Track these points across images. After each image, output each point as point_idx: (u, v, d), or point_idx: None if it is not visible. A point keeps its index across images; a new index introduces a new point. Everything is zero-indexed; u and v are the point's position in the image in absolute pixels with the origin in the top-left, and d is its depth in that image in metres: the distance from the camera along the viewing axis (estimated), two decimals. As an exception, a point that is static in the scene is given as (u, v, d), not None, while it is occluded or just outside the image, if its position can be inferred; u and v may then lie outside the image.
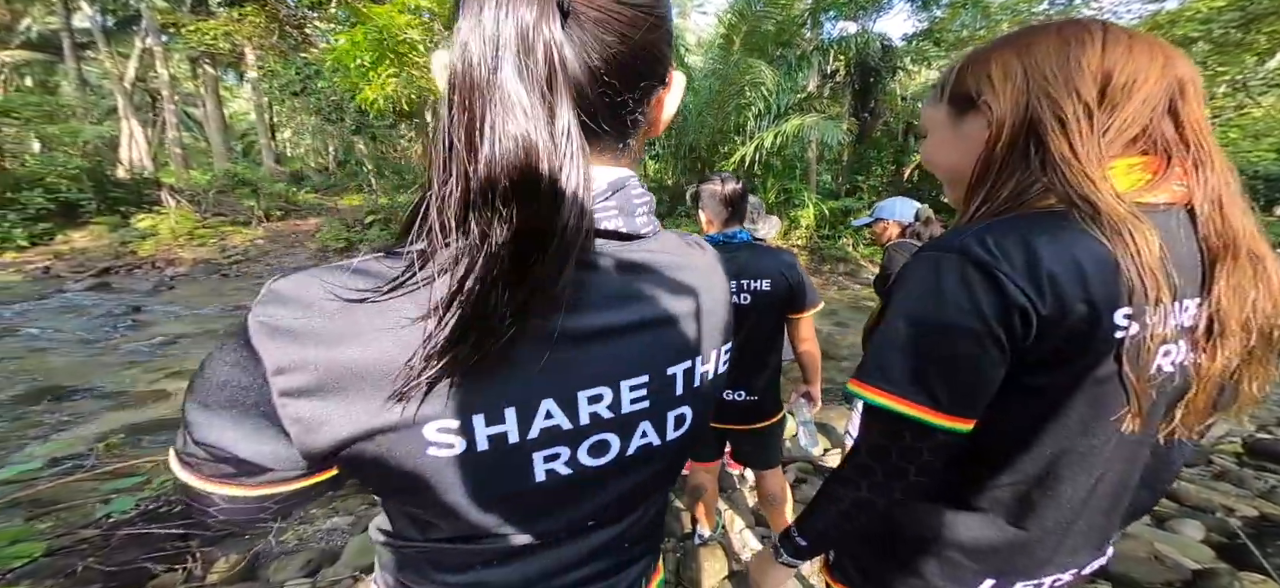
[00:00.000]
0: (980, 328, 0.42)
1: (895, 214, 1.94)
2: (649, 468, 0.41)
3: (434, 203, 0.29)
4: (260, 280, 8.60)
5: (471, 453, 0.32)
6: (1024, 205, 0.45)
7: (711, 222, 1.37)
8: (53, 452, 1.40)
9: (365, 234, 9.70)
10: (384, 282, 0.30)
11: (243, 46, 13.42)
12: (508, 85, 0.27)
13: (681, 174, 10.08)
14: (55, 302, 6.80)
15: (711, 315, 0.41)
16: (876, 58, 10.18)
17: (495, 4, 0.26)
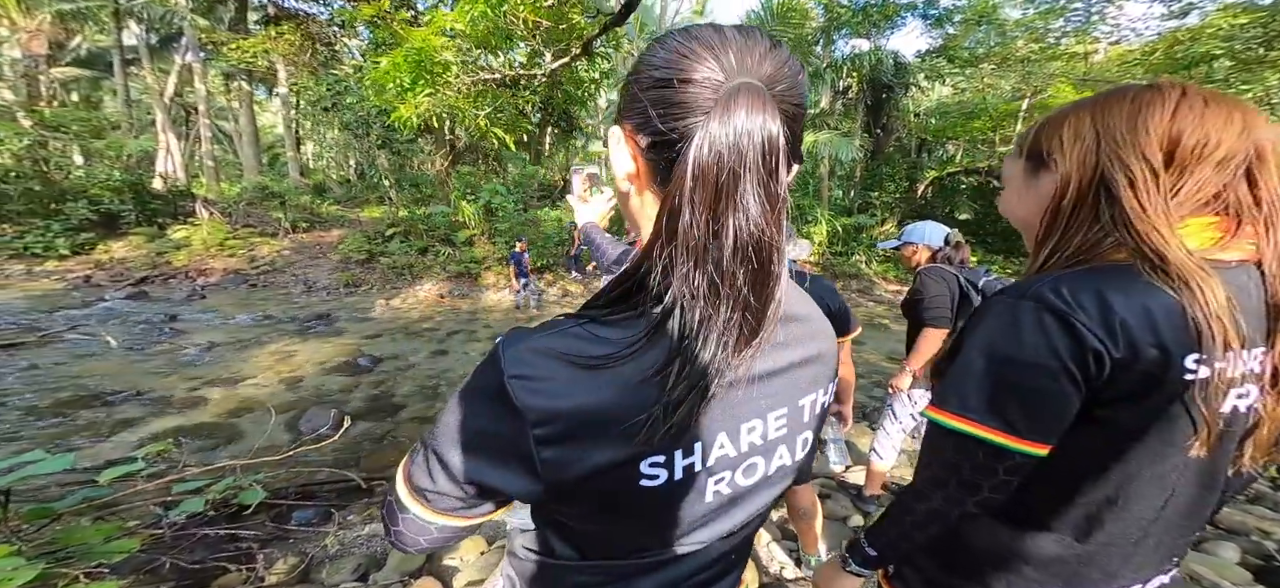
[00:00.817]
0: (1056, 366, 0.47)
1: (924, 238, 1.94)
2: (781, 485, 0.48)
3: (657, 273, 0.35)
4: (286, 290, 8.89)
5: (670, 482, 0.39)
6: (1096, 257, 0.50)
7: None
8: (151, 452, 1.52)
9: (386, 246, 9.97)
10: (615, 348, 0.36)
11: (276, 63, 14.04)
12: (749, 186, 0.32)
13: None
14: (97, 309, 7.12)
15: (829, 354, 0.49)
16: (889, 74, 10.27)
17: (747, 108, 0.31)
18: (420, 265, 9.51)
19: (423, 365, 5.14)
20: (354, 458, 3.10)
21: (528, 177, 11.89)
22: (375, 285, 9.11)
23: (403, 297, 8.53)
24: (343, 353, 5.43)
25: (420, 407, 4.10)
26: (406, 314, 7.46)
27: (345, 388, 4.45)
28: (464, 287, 9.09)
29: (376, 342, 5.97)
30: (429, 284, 9.06)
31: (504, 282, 9.30)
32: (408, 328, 6.66)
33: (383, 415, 3.90)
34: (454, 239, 10.07)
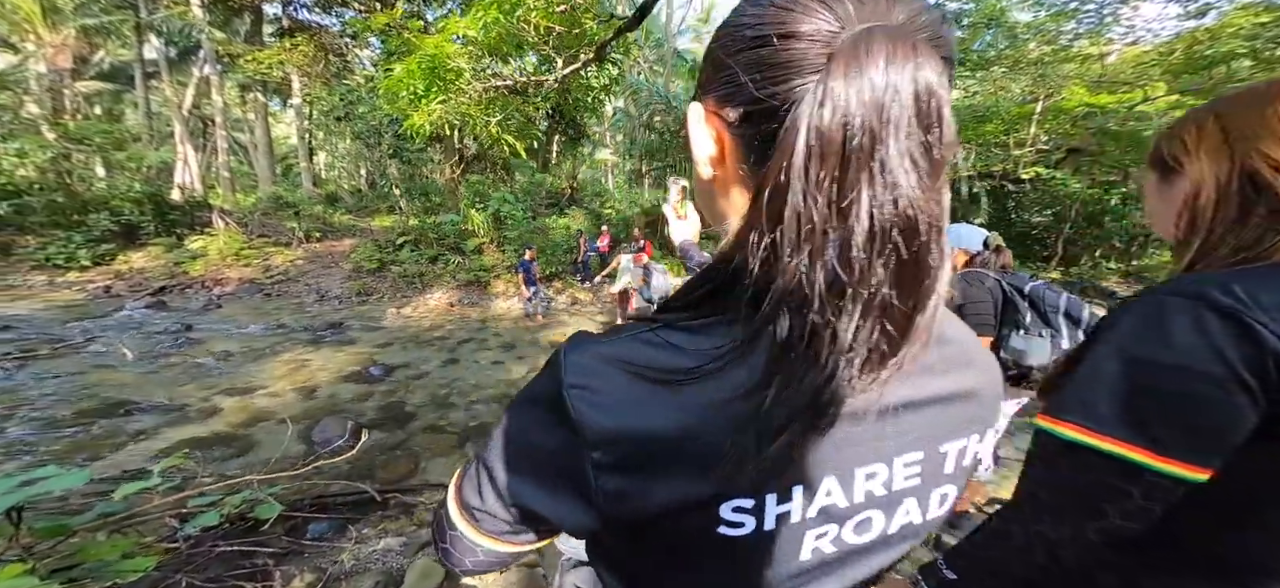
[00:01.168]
0: (1223, 373, 0.40)
1: (961, 241, 1.84)
2: (902, 547, 0.38)
3: (754, 265, 0.27)
4: (299, 299, 8.98)
5: (758, 533, 0.31)
6: (1261, 256, 0.45)
7: None
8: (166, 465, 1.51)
9: (396, 255, 10.05)
10: (697, 360, 0.29)
11: (291, 74, 14.33)
12: (895, 153, 0.24)
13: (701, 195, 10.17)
14: (116, 319, 7.23)
15: (990, 393, 0.38)
16: None
17: (886, 57, 0.24)
18: (431, 274, 9.56)
19: (434, 375, 5.13)
20: (367, 469, 3.08)
21: (536, 184, 11.96)
22: (386, 294, 9.17)
23: (414, 305, 8.57)
24: (355, 362, 5.45)
25: (432, 417, 4.08)
26: (417, 323, 7.49)
27: (358, 397, 4.45)
28: (474, 295, 9.11)
29: (388, 350, 5.99)
30: (439, 293, 9.09)
31: (513, 290, 9.31)
32: (419, 337, 6.68)
33: (395, 426, 3.88)
34: (463, 247, 10.12)
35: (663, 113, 9.72)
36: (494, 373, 5.17)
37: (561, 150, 15.81)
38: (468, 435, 3.71)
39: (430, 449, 3.46)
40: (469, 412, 4.18)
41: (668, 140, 10.23)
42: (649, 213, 11.14)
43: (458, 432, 3.78)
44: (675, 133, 9.97)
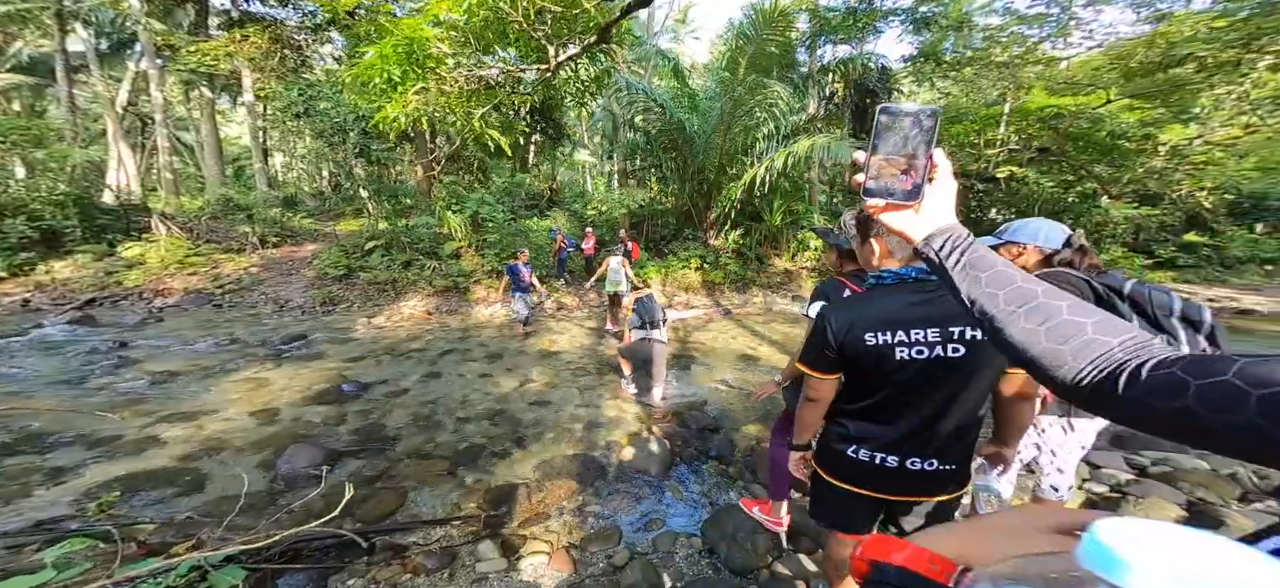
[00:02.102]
0: None
1: (1038, 238, 1.62)
2: None
3: None
4: (255, 310, 8.20)
5: None
6: None
7: (887, 254, 1.13)
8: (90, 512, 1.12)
9: (365, 261, 9.37)
10: None
11: (242, 69, 13.27)
12: None
13: (688, 196, 10.05)
14: (33, 338, 6.32)
15: None
16: (874, 79, 10.40)
17: None
18: (404, 280, 8.95)
19: (415, 391, 4.68)
20: (348, 507, 2.66)
21: (515, 185, 11.49)
22: (355, 303, 8.51)
23: (387, 314, 7.96)
24: (324, 379, 4.91)
25: (417, 439, 3.66)
26: (392, 333, 6.93)
27: (329, 420, 3.96)
28: (452, 302, 8.58)
29: (361, 365, 5.46)
30: (415, 300, 8.51)
31: (496, 296, 8.84)
32: (395, 349, 6.15)
33: (375, 452, 3.45)
34: (440, 252, 9.56)
35: (646, 112, 9.51)
36: (482, 387, 4.77)
37: (541, 151, 15.37)
38: (460, 461, 3.32)
39: (418, 479, 3.06)
40: (458, 433, 3.78)
41: (653, 139, 10.02)
42: (635, 214, 10.89)
43: (447, 457, 3.38)
44: (660, 132, 9.78)
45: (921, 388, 1.08)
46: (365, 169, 11.79)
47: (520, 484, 3.01)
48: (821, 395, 1.23)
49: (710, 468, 3.12)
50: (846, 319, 1.10)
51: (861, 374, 1.13)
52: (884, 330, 1.07)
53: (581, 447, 3.48)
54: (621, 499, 2.81)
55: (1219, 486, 2.74)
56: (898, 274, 1.11)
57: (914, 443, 1.14)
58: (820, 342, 1.15)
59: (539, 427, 3.83)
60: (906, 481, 1.17)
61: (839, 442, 1.23)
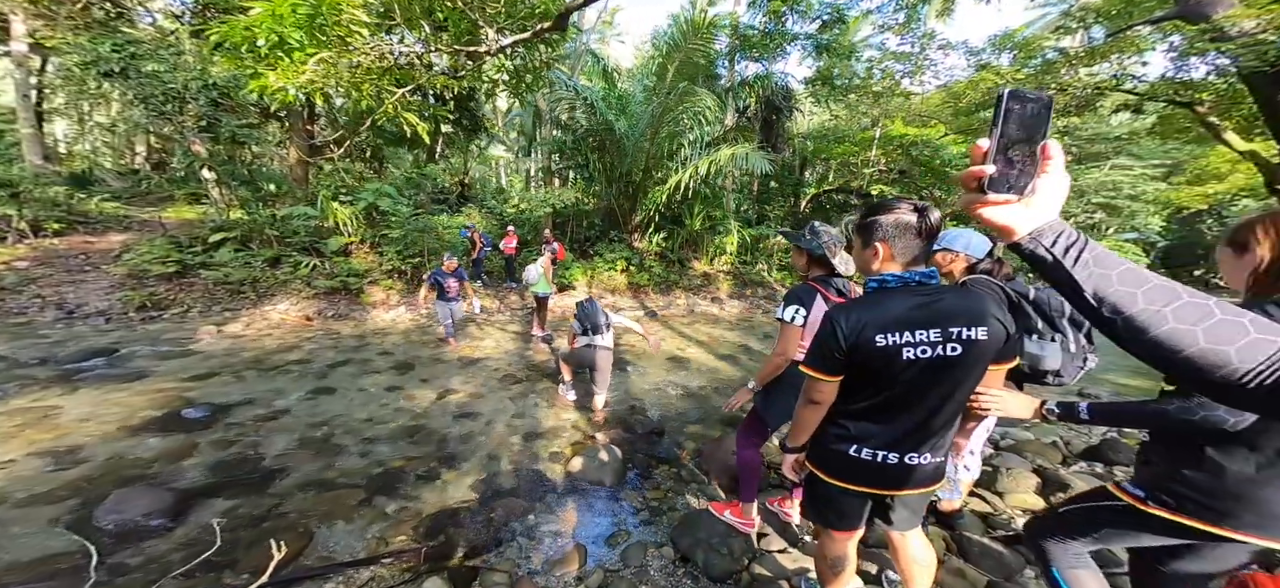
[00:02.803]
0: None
1: (970, 248, 1.82)
2: None
3: None
4: (28, 318, 6.01)
5: None
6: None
7: (889, 258, 1.14)
8: None
9: (211, 255, 7.48)
10: None
11: (10, 12, 9.79)
12: None
13: (614, 198, 10.00)
14: None
15: None
16: (780, 98, 11.59)
17: None
18: (271, 280, 7.34)
19: (299, 410, 3.80)
20: (226, 555, 2.01)
21: (421, 176, 10.25)
22: (195, 307, 6.71)
23: (246, 321, 6.42)
24: (154, 403, 3.73)
25: (312, 468, 2.96)
26: (256, 344, 5.59)
27: (169, 454, 3.00)
28: (342, 305, 7.27)
29: (211, 384, 4.28)
30: (287, 304, 7.02)
31: (397, 298, 7.72)
32: (262, 361, 4.96)
33: (250, 487, 2.69)
34: (322, 248, 8.05)
35: (573, 110, 9.24)
36: (391, 402, 4.07)
37: (452, 143, 13.98)
38: (376, 488, 2.76)
39: (323, 513, 2.46)
40: (367, 456, 3.16)
41: (580, 138, 9.77)
42: (561, 213, 10.46)
43: (358, 485, 2.79)
44: (588, 131, 9.59)
45: (923, 386, 1.12)
46: (218, 147, 9.46)
47: (459, 508, 2.60)
48: (825, 397, 1.22)
49: (663, 472, 3.04)
50: (858, 321, 1.11)
51: (868, 375, 1.15)
52: (893, 332, 1.09)
53: (524, 461, 3.15)
54: (578, 514, 2.58)
55: (1048, 452, 3.35)
56: (902, 278, 1.13)
57: (914, 439, 1.18)
58: (829, 344, 1.14)
59: (470, 442, 3.38)
60: (907, 476, 1.21)
61: (838, 442, 1.24)
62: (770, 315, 9.22)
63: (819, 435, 1.29)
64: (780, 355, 1.87)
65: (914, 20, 11.03)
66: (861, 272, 1.25)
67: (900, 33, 11.32)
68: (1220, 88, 6.87)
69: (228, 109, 8.61)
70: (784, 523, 2.32)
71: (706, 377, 5.15)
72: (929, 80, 10.98)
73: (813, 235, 1.88)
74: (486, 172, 18.75)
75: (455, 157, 15.08)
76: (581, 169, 10.54)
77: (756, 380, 2.00)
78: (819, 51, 11.09)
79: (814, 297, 1.83)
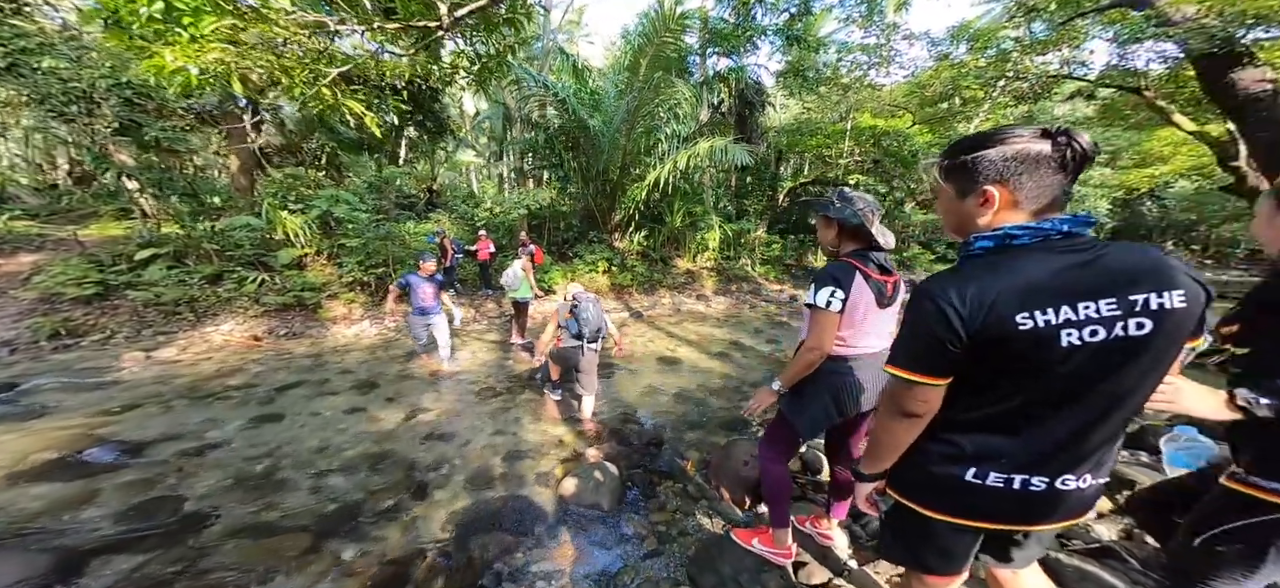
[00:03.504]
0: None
1: None
2: None
3: None
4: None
5: None
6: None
7: (1010, 206, 0.82)
8: None
9: (139, 274, 6.66)
10: None
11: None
12: None
13: (591, 197, 9.62)
14: None
15: None
16: (752, 91, 11.52)
17: None
18: (211, 299, 6.58)
19: (238, 442, 3.26)
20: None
21: (384, 182, 9.57)
22: (120, 332, 5.91)
23: (181, 344, 5.68)
24: (52, 444, 3.11)
25: (247, 509, 2.47)
26: (191, 369, 4.91)
27: (64, 503, 2.45)
28: (296, 322, 6.58)
29: (130, 418, 3.65)
30: (232, 323, 6.29)
31: (361, 311, 7.08)
32: (196, 389, 4.32)
33: (165, 538, 2.19)
34: (271, 261, 7.32)
35: (544, 107, 8.83)
36: (351, 426, 3.57)
37: (416, 147, 13.24)
38: (329, 529, 2.31)
39: (262, 564, 2.02)
40: (319, 491, 2.68)
41: (552, 137, 9.36)
42: (536, 215, 9.96)
43: (306, 526, 2.33)
44: (560, 129, 9.19)
45: (1090, 382, 0.78)
46: (137, 155, 8.52)
47: (431, 548, 2.18)
48: (927, 408, 0.88)
49: (667, 489, 2.70)
50: (983, 294, 0.77)
51: (1001, 371, 0.81)
52: (1043, 307, 0.76)
53: (507, 486, 2.75)
54: (574, 546, 2.21)
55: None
56: (1037, 229, 0.79)
57: (1069, 456, 0.84)
58: (936, 331, 0.81)
59: (443, 468, 2.95)
60: (1055, 506, 0.86)
61: (945, 463, 0.90)
62: (759, 309, 9.04)
63: (910, 455, 0.96)
64: (814, 349, 1.52)
65: (875, 11, 11.19)
66: (955, 232, 0.92)
67: (864, 26, 11.46)
68: (1164, 74, 7.18)
69: (151, 111, 7.77)
70: (822, 547, 1.97)
71: (700, 377, 4.85)
72: (896, 72, 11.14)
73: (843, 202, 1.56)
74: (456, 177, 17.98)
75: (421, 161, 14.33)
76: (556, 169, 10.12)
77: (782, 380, 1.64)
78: (789, 43, 11.09)
79: (852, 275, 1.50)
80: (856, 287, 1.50)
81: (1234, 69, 4.98)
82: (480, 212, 10.63)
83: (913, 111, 10.79)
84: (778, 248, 11.63)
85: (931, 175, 0.94)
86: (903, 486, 0.99)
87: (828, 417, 1.60)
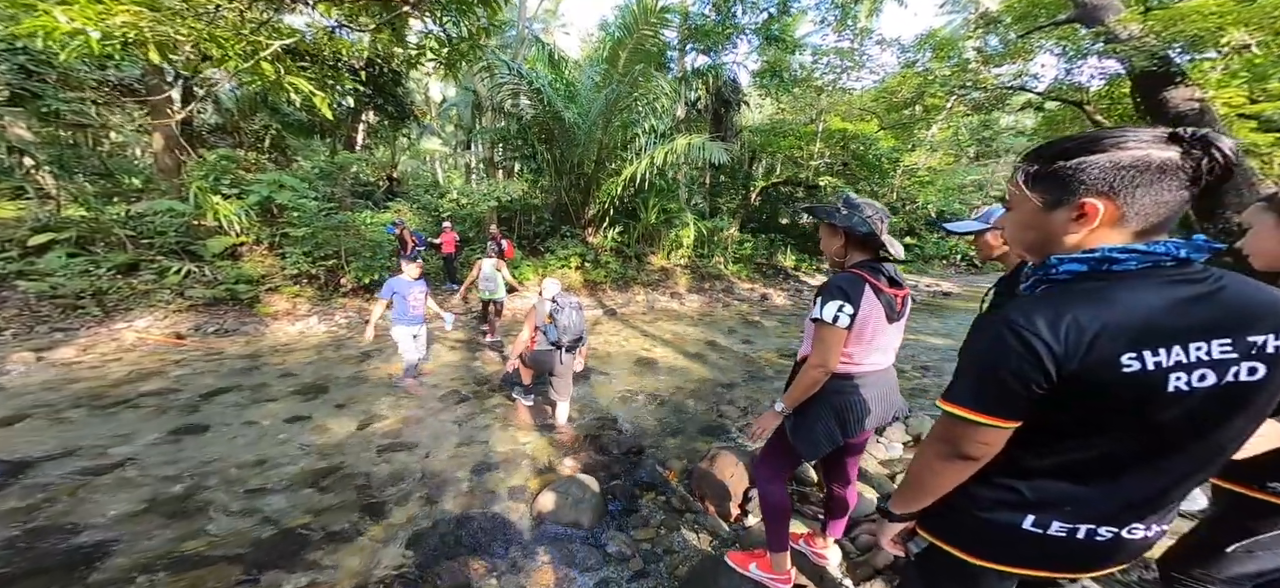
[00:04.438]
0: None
1: None
2: None
3: None
4: None
5: None
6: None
7: (1115, 221, 0.69)
8: None
9: (32, 263, 5.76)
10: None
11: None
12: None
13: (565, 191, 9.30)
14: None
15: None
16: (729, 90, 11.56)
17: None
18: (125, 291, 5.78)
19: (152, 459, 2.80)
20: None
21: (336, 167, 8.83)
22: (7, 329, 5.07)
23: (85, 343, 4.94)
24: (-102, 474, 2.54)
25: (160, 538, 2.11)
26: (95, 373, 4.25)
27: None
28: (230, 318, 5.89)
29: (13, 432, 3.07)
30: (149, 319, 5.55)
31: (308, 306, 6.46)
32: (101, 396, 3.73)
33: (48, 577, 1.81)
34: (200, 251, 6.54)
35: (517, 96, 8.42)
36: (295, 436, 3.17)
37: (376, 133, 12.34)
38: (265, 559, 2.00)
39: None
40: (252, 513, 2.33)
41: (526, 127, 8.95)
42: (507, 208, 9.50)
43: (239, 553, 2.02)
44: (534, 120, 8.81)
45: (1190, 433, 0.68)
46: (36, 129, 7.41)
47: (389, 576, 1.91)
48: (991, 452, 0.76)
49: (650, 502, 2.54)
50: (1085, 327, 0.65)
51: (1088, 416, 0.70)
52: (1154, 347, 0.64)
53: (475, 502, 2.49)
54: (553, 570, 2.01)
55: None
56: (1147, 253, 0.67)
57: (1149, 508, 0.74)
58: (1021, 368, 0.68)
59: (402, 484, 2.65)
60: (1114, 553, 0.77)
61: (999, 510, 0.79)
62: (732, 308, 9.05)
63: (955, 497, 0.84)
64: (818, 366, 1.42)
65: (849, 16, 11.50)
66: (1029, 250, 0.78)
67: (838, 29, 11.76)
68: (1103, 90, 7.78)
69: (53, 81, 6.78)
70: (816, 566, 1.87)
71: (677, 379, 4.73)
72: (866, 76, 11.52)
73: (850, 209, 1.45)
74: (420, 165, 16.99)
75: (381, 148, 13.40)
76: (528, 160, 9.71)
77: (786, 401, 1.52)
78: (767, 43, 11.20)
79: (861, 288, 1.40)
80: (866, 301, 1.40)
81: (1167, 88, 5.40)
82: (445, 202, 10.05)
83: (879, 116, 11.18)
84: (749, 247, 11.75)
85: (1014, 181, 0.78)
86: (944, 531, 0.87)
87: (831, 439, 1.50)
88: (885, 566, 1.89)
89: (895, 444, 3.05)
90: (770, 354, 5.91)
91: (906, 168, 13.56)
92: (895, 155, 12.22)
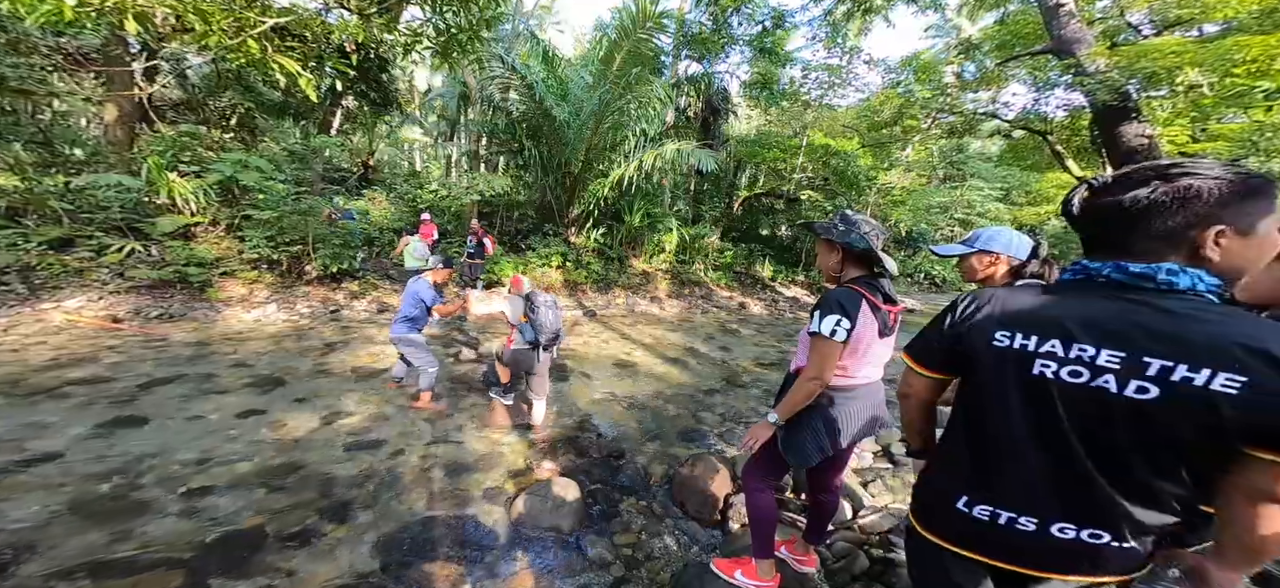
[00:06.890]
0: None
1: (1010, 248, 1.48)
2: None
3: None
4: None
5: None
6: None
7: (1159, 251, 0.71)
8: None
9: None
10: None
11: None
12: None
13: (550, 189, 9.14)
14: None
15: None
16: (719, 98, 11.70)
17: None
18: (56, 268, 5.27)
19: (77, 454, 2.52)
20: None
21: (309, 151, 8.38)
22: (-86, 308, 4.53)
23: (3, 323, 4.46)
24: None
25: (85, 541, 1.89)
26: (15, 357, 3.82)
27: None
28: (177, 303, 5.45)
29: (-88, 421, 2.71)
30: (82, 299, 5.07)
31: (267, 292, 6.06)
32: (20, 382, 3.35)
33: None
34: (147, 229, 6.06)
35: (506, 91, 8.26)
36: (247, 432, 2.92)
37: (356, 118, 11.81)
38: (212, 564, 1.82)
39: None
40: (199, 512, 2.13)
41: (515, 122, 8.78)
42: (490, 201, 9.24)
43: (181, 558, 1.84)
44: (523, 115, 8.65)
45: (1076, 427, 0.74)
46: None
47: (354, 582, 1.77)
48: (912, 391, 1.04)
49: (630, 506, 2.47)
50: (980, 307, 0.87)
51: (980, 385, 0.86)
52: (1026, 332, 0.78)
53: (449, 505, 2.36)
54: (533, 574, 1.91)
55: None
56: (1083, 267, 0.78)
57: (1060, 502, 0.78)
58: (935, 327, 0.96)
59: (369, 483, 2.48)
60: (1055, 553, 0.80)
61: (943, 486, 0.94)
62: (711, 315, 9.09)
63: (924, 478, 1.06)
64: (814, 378, 1.42)
65: (839, 34, 11.88)
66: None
67: (829, 45, 12.11)
68: (1065, 121, 8.30)
69: (2, 45, 6.22)
70: (798, 573, 1.85)
71: (656, 383, 4.67)
72: (851, 94, 11.89)
73: (847, 226, 1.46)
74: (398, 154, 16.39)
75: (358, 133, 12.84)
76: (515, 155, 9.52)
77: (779, 411, 1.52)
78: (760, 55, 11.43)
79: (859, 303, 1.40)
80: (863, 316, 1.41)
81: (1123, 122, 5.77)
82: (425, 193, 9.71)
83: (861, 133, 11.54)
84: (730, 255, 11.88)
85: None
86: (915, 510, 1.00)
87: (820, 449, 1.51)
88: (861, 572, 1.90)
89: (866, 454, 3.09)
90: (748, 362, 5.93)
91: (881, 186, 14.05)
92: (872, 173, 12.64)
